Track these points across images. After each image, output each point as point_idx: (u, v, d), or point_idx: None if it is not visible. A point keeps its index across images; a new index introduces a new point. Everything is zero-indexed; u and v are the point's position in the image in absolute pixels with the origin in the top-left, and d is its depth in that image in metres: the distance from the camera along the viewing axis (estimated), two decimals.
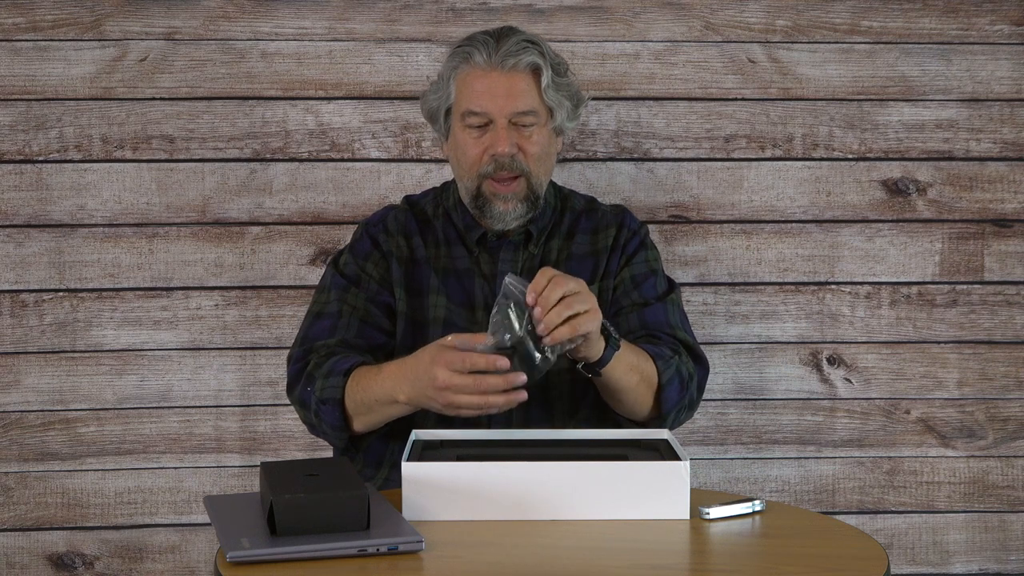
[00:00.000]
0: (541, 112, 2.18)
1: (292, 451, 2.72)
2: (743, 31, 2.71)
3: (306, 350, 2.16)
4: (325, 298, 2.22)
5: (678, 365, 2.12)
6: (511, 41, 2.16)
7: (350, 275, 2.23)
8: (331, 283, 2.23)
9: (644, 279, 2.24)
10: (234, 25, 2.67)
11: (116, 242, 2.68)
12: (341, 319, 2.18)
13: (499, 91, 2.15)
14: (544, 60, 2.16)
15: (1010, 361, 2.79)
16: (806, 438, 2.78)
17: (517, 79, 2.16)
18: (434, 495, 1.76)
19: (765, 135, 2.73)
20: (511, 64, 2.15)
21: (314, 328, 2.19)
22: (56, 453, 2.70)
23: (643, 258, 2.27)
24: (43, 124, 2.66)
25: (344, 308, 2.19)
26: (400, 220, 2.27)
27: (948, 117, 2.75)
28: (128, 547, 2.72)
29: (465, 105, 2.17)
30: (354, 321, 2.18)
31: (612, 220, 2.29)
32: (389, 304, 2.21)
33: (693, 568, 1.67)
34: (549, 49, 2.20)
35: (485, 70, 2.15)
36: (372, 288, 2.21)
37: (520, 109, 2.15)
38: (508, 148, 2.14)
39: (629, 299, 2.21)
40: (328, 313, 2.20)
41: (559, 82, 2.19)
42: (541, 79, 2.16)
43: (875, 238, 2.76)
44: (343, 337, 2.16)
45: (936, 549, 2.80)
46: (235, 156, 2.68)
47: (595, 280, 2.24)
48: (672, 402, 2.10)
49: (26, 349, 2.68)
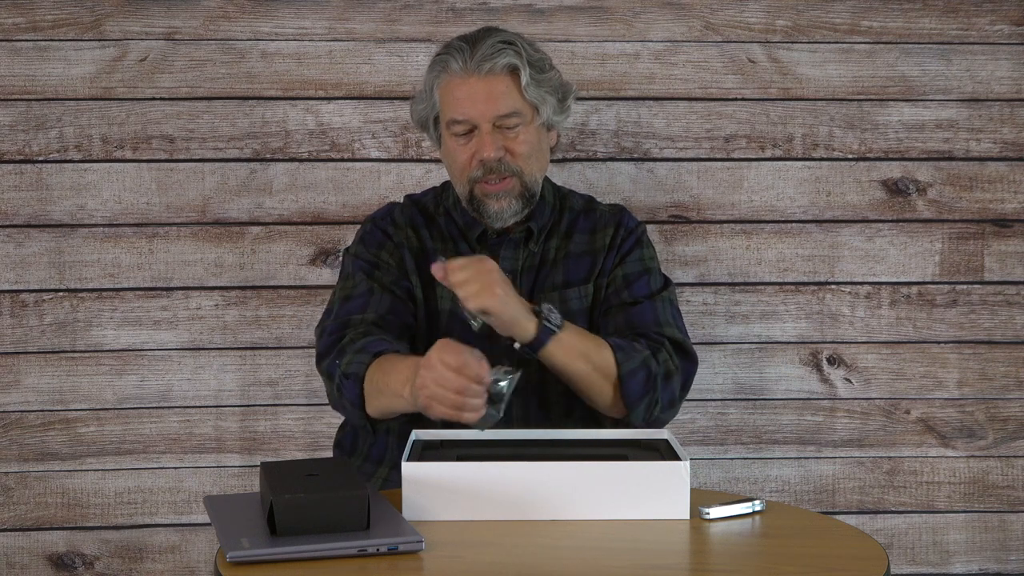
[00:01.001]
0: (525, 111, 2.17)
1: (292, 451, 2.72)
2: (743, 31, 2.71)
3: (342, 323, 2.15)
4: (351, 283, 2.21)
5: (646, 359, 2.10)
6: (486, 44, 2.15)
7: (369, 260, 2.23)
8: (354, 267, 2.23)
9: (637, 278, 2.24)
10: (234, 25, 2.67)
11: (116, 242, 2.68)
12: (372, 296, 2.18)
13: (479, 96, 2.14)
14: (521, 59, 2.15)
15: (1010, 361, 2.79)
16: (806, 438, 2.78)
17: (495, 82, 2.15)
18: (434, 495, 1.76)
19: (765, 135, 2.73)
20: (487, 68, 2.14)
21: (345, 307, 2.18)
22: (56, 453, 2.70)
23: (638, 256, 2.26)
24: (43, 124, 2.66)
25: (374, 286, 2.19)
26: (406, 213, 2.28)
27: (948, 117, 2.75)
28: (128, 547, 2.72)
29: (449, 114, 2.17)
30: (386, 297, 2.18)
31: (610, 220, 2.29)
32: (409, 290, 2.21)
33: (693, 568, 1.67)
34: (527, 46, 2.19)
35: (463, 77, 2.15)
36: (392, 273, 2.21)
37: (502, 112, 2.15)
38: (494, 153, 2.15)
39: (619, 298, 2.22)
40: (358, 294, 2.19)
41: (539, 79, 2.17)
42: (520, 78, 2.15)
43: (875, 238, 2.76)
44: (377, 312, 2.16)
45: (936, 549, 2.80)
46: (235, 156, 2.68)
47: (591, 279, 2.24)
48: (635, 394, 2.09)
49: (26, 349, 2.68)
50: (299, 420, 2.70)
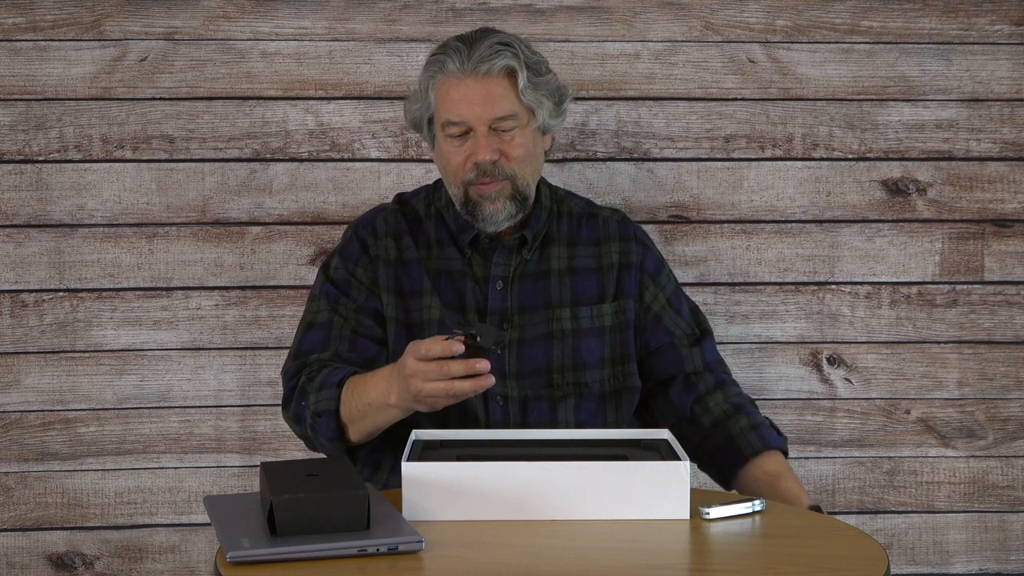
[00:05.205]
0: (521, 114, 2.15)
1: (292, 451, 2.72)
2: (743, 31, 2.71)
3: (300, 365, 2.16)
4: (316, 307, 2.22)
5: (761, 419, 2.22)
6: (483, 45, 2.13)
7: (340, 281, 2.22)
8: (321, 292, 2.23)
9: (675, 296, 2.30)
10: (234, 25, 2.67)
11: (116, 242, 2.68)
12: (333, 331, 2.18)
13: (475, 98, 2.12)
14: (518, 61, 2.13)
15: (1010, 361, 2.79)
16: (806, 438, 2.78)
17: (492, 84, 2.13)
18: (434, 495, 1.76)
19: (765, 135, 2.73)
20: (484, 70, 2.12)
21: (307, 340, 2.19)
22: (56, 453, 2.70)
23: (666, 274, 2.31)
24: (43, 124, 2.66)
25: (335, 319, 2.18)
26: (390, 222, 2.25)
27: (948, 117, 2.75)
28: (128, 547, 2.72)
29: (444, 115, 2.15)
30: (346, 333, 2.18)
31: (615, 232, 2.27)
32: (379, 310, 2.20)
33: (693, 568, 1.67)
34: (524, 48, 2.17)
35: (459, 78, 2.13)
36: (362, 295, 2.20)
37: (498, 114, 2.13)
38: (489, 155, 2.12)
39: (678, 328, 2.27)
40: (320, 323, 2.20)
41: (537, 82, 2.15)
42: (517, 81, 2.13)
43: (875, 238, 2.76)
44: (336, 350, 2.16)
45: (936, 549, 2.80)
46: (235, 156, 2.68)
47: (605, 299, 2.23)
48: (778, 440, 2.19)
49: (26, 349, 2.68)
50: None
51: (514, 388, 2.16)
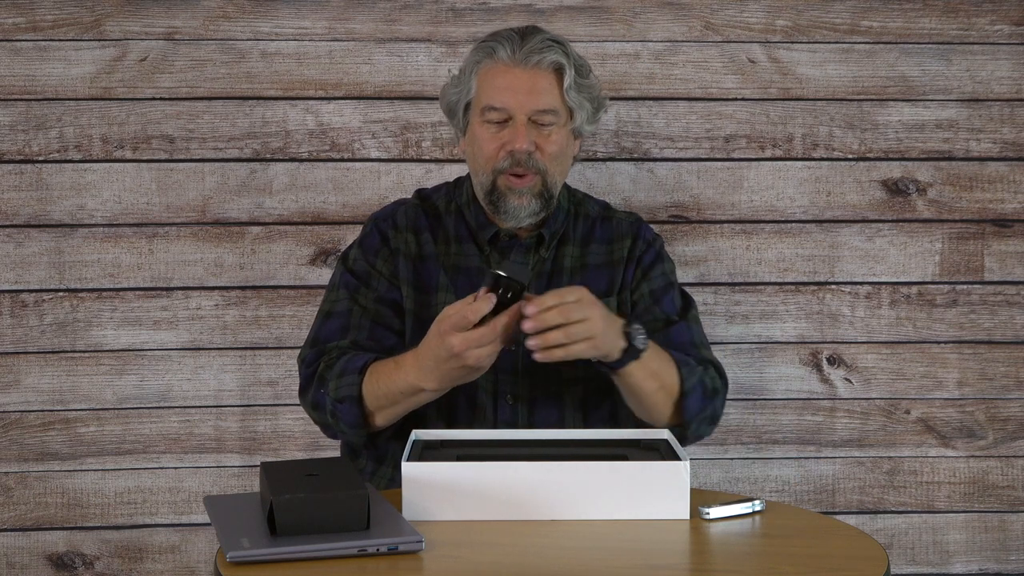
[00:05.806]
0: (561, 112, 2.16)
1: (292, 451, 2.72)
2: (743, 31, 2.71)
3: (318, 352, 2.16)
4: (335, 296, 2.22)
5: (702, 376, 2.13)
6: (536, 39, 2.15)
7: (360, 272, 2.22)
8: (341, 281, 2.23)
9: (663, 293, 2.25)
10: (234, 25, 2.67)
11: (116, 242, 2.68)
12: (352, 319, 2.18)
13: (521, 87, 2.14)
14: (568, 60, 2.15)
15: (1010, 361, 2.79)
16: (806, 438, 2.78)
17: (540, 77, 2.15)
18: (434, 495, 1.76)
19: (765, 135, 2.73)
20: (535, 61, 2.14)
21: (325, 328, 2.19)
22: (56, 453, 2.70)
23: (660, 271, 2.27)
24: (43, 124, 2.66)
25: (355, 308, 2.19)
26: (410, 215, 2.26)
27: (948, 117, 2.75)
28: (128, 547, 2.72)
29: (485, 100, 2.15)
30: (365, 322, 2.18)
31: (627, 230, 2.28)
32: (398, 301, 2.21)
33: (693, 568, 1.67)
34: (573, 50, 2.20)
35: (508, 66, 2.15)
36: (382, 286, 2.21)
37: (541, 107, 2.14)
38: (526, 145, 2.13)
39: (651, 315, 2.21)
40: (338, 312, 2.20)
41: (581, 83, 2.17)
42: (564, 79, 2.15)
43: (875, 238, 2.76)
44: (355, 339, 2.16)
45: (936, 549, 2.80)
46: (235, 156, 2.68)
47: (612, 292, 2.23)
48: (693, 411, 2.11)
49: (26, 349, 2.68)
50: (299, 420, 2.70)
51: (524, 387, 2.16)
